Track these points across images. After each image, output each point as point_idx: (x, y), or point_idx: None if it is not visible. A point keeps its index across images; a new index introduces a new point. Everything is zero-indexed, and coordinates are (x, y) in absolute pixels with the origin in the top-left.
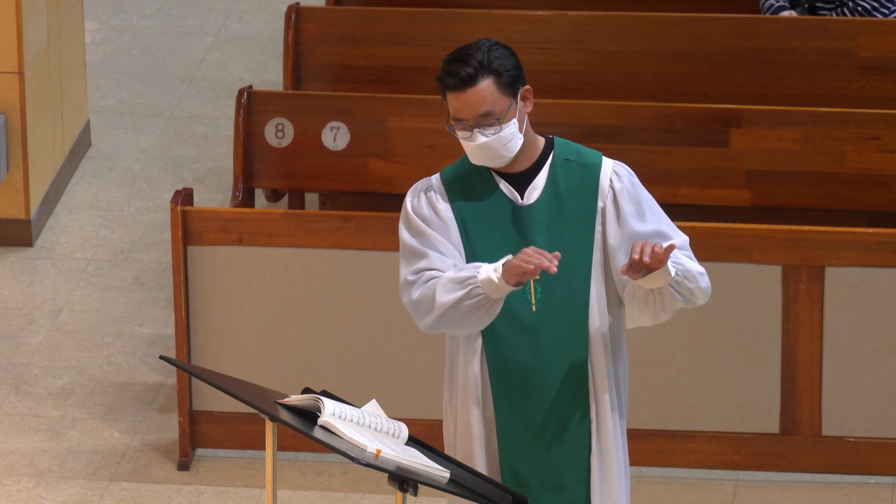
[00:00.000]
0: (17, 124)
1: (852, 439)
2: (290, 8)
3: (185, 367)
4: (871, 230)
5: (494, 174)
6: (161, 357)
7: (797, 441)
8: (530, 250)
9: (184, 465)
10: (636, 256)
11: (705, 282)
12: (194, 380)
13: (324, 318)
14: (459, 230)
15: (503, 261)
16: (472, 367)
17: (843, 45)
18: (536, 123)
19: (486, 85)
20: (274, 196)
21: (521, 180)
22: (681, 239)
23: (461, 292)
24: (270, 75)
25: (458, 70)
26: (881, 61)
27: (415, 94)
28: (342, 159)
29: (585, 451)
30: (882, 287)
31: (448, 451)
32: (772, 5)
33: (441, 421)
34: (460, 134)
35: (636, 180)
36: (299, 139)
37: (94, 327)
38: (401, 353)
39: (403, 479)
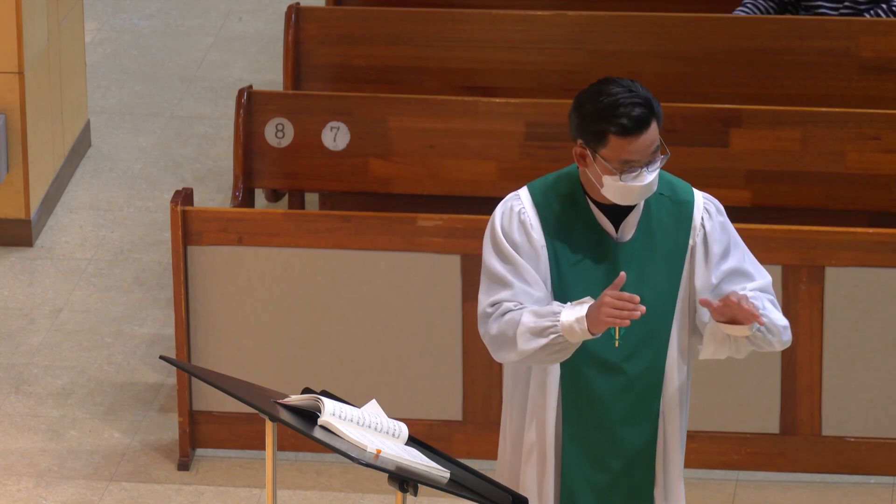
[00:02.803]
0: (17, 124)
1: (852, 439)
2: (290, 8)
3: (185, 367)
4: (871, 230)
5: (592, 205)
6: (161, 357)
7: (797, 441)
8: (611, 299)
9: (184, 465)
10: (734, 300)
11: (787, 335)
12: (194, 380)
13: (324, 318)
14: (550, 260)
15: (584, 308)
16: (547, 394)
17: (843, 45)
18: (537, 124)
19: (654, 122)
20: (274, 196)
21: (617, 214)
22: (763, 280)
23: (543, 341)
24: (270, 75)
25: (633, 112)
26: (881, 61)
27: (415, 94)
28: (342, 159)
29: (648, 489)
30: (882, 287)
31: (500, 466)
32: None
33: (442, 421)
34: (627, 177)
35: (724, 217)
36: (299, 139)
37: (94, 327)
38: (401, 353)
39: (403, 479)
